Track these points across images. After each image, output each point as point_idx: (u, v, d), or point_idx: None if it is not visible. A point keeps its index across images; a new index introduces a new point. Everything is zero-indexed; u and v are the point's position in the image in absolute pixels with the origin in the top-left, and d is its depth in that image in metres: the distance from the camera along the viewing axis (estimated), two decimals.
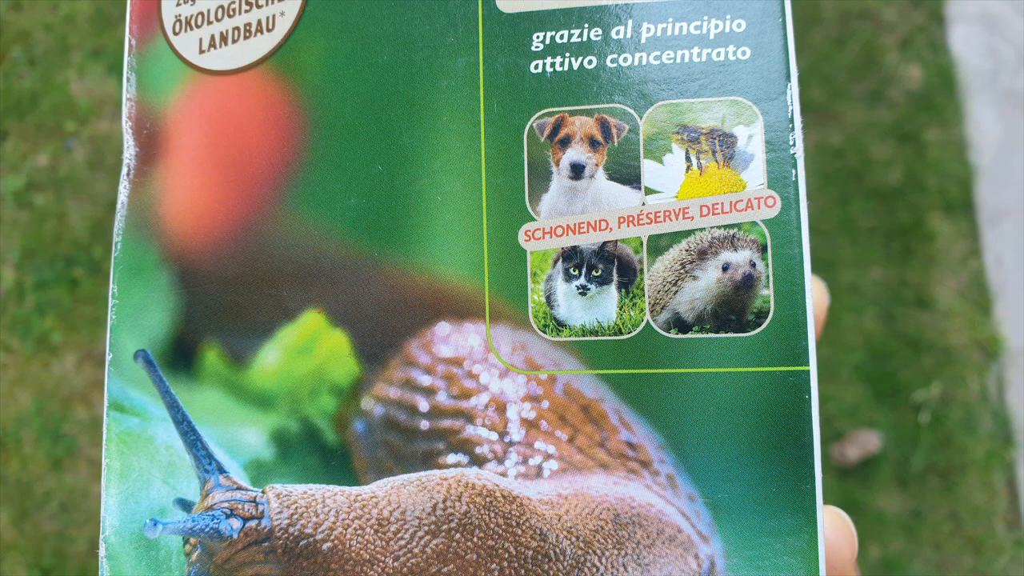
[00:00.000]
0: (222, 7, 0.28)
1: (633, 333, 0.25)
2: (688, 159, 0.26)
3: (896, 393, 0.98)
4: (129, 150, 0.28)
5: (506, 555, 0.24)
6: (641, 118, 0.26)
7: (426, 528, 0.24)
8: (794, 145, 0.25)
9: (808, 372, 0.24)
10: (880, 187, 1.03)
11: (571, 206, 0.26)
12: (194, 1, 0.28)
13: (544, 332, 0.26)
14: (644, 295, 0.25)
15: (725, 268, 0.25)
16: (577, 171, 0.26)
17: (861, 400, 0.98)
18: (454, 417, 0.26)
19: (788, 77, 0.25)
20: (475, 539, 0.24)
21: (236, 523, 0.24)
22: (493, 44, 0.26)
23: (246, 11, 0.28)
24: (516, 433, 0.25)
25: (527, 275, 0.26)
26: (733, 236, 0.25)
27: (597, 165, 0.26)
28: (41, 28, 1.13)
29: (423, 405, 0.26)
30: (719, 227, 0.25)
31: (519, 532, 0.24)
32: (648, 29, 0.26)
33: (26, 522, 0.99)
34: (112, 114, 1.10)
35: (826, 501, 0.24)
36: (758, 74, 0.25)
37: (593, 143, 0.26)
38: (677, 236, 0.25)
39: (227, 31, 0.28)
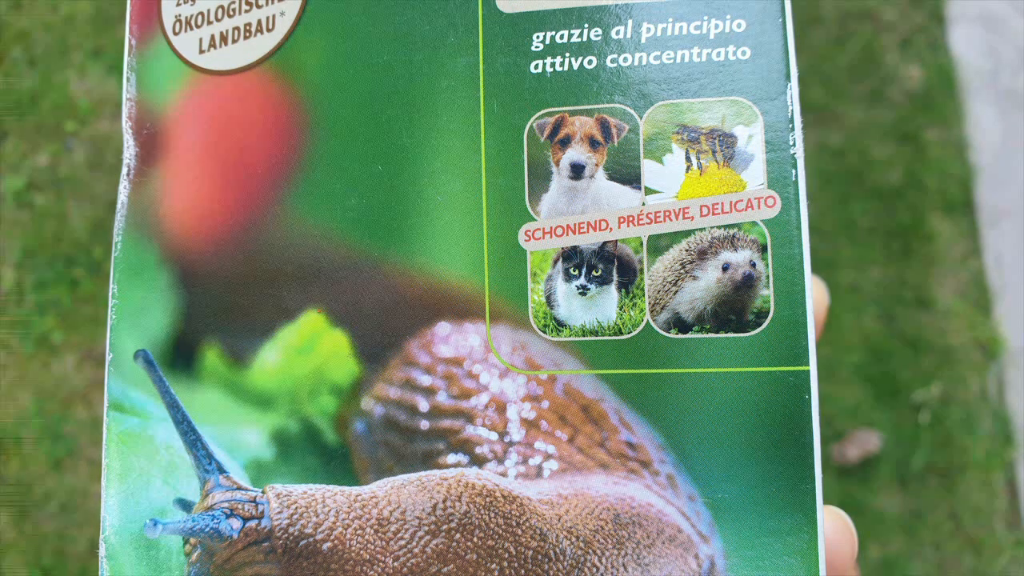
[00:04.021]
0: (222, 7, 0.28)
1: (633, 333, 0.25)
2: (688, 159, 0.26)
3: (896, 393, 0.98)
4: (129, 150, 0.28)
5: (506, 555, 0.24)
6: (641, 118, 0.26)
7: (426, 528, 0.24)
8: (794, 145, 0.25)
9: (808, 372, 0.24)
10: (880, 187, 1.03)
11: (571, 206, 0.26)
12: (194, 1, 0.28)
13: (544, 332, 0.26)
14: (644, 295, 0.25)
15: (725, 268, 0.25)
16: (577, 171, 0.26)
17: (861, 400, 0.98)
18: (454, 417, 0.26)
19: (788, 77, 0.25)
20: (475, 539, 0.24)
21: (236, 523, 0.24)
22: (493, 44, 0.26)
23: (246, 11, 0.28)
24: (516, 433, 0.25)
25: (527, 275, 0.26)
26: (733, 236, 0.25)
27: (597, 165, 0.26)
28: (41, 28, 1.13)
29: (423, 405, 0.26)
30: (719, 227, 0.25)
31: (519, 532, 0.24)
32: (648, 29, 0.26)
33: (26, 522, 0.99)
34: (112, 114, 1.10)
35: (826, 501, 0.24)
36: (758, 74, 0.25)
37: (593, 143, 0.26)
38: (677, 236, 0.25)
39: (227, 31, 0.28)
